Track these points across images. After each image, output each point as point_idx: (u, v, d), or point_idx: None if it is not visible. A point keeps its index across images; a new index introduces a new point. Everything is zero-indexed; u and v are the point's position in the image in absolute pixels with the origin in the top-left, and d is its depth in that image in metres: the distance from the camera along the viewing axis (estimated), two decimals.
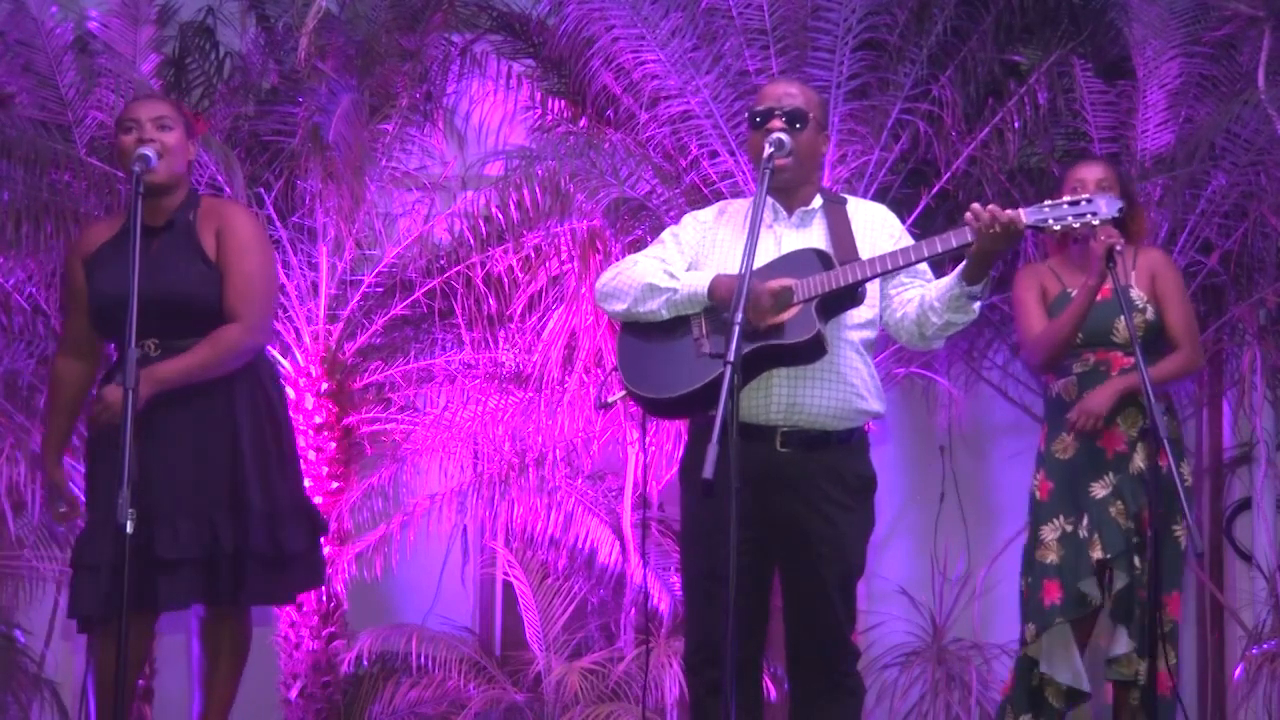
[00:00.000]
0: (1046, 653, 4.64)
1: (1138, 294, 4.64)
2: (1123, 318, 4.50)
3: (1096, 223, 3.46)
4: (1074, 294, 4.60)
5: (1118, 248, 4.08)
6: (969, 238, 3.44)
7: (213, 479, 3.91)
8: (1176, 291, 4.71)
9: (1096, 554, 4.54)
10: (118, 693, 3.46)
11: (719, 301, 3.54)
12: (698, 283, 3.61)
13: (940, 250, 3.50)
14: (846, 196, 3.86)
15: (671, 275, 3.66)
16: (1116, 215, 3.48)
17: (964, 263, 3.49)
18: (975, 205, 3.44)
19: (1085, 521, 4.58)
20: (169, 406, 3.83)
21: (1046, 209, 3.48)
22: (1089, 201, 3.47)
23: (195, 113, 4.26)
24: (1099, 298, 4.54)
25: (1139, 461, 4.56)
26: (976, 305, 3.57)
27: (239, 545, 3.90)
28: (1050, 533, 4.63)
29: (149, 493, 3.69)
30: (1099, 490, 4.58)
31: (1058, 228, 3.48)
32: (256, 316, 3.96)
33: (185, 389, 3.86)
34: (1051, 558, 4.60)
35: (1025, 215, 3.46)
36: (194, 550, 3.85)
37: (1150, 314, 4.63)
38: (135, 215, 3.62)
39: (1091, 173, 4.60)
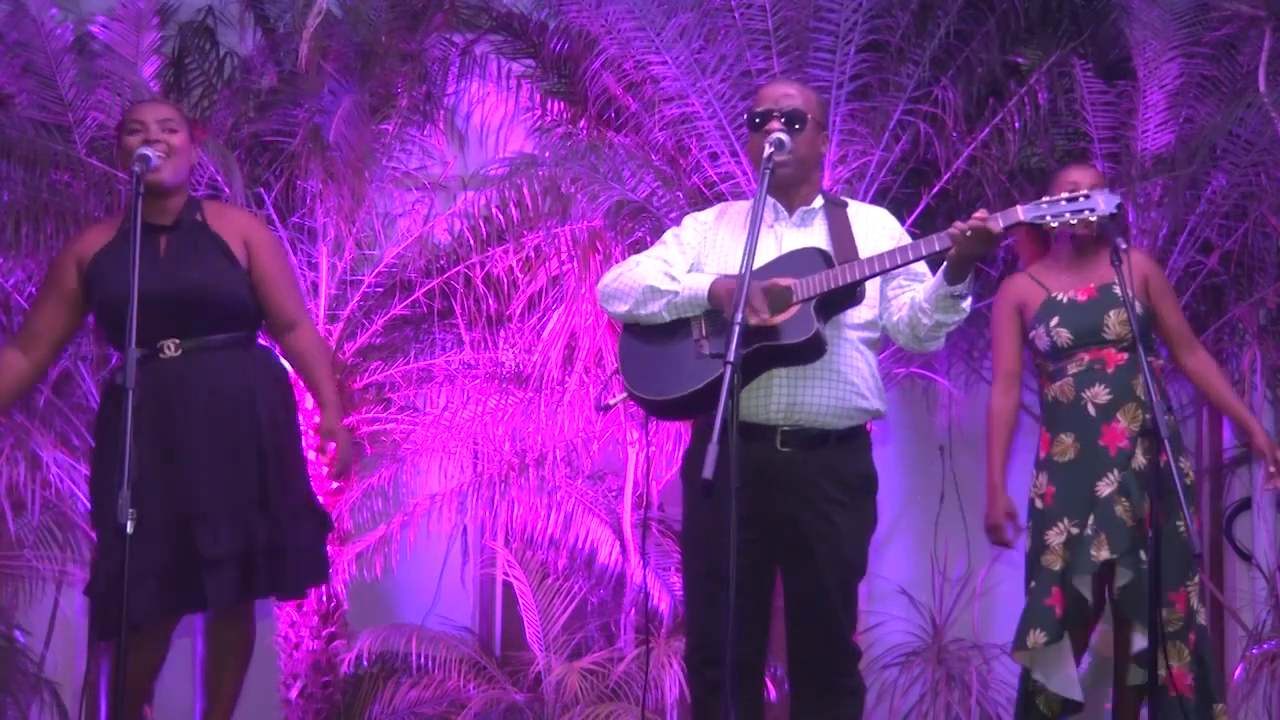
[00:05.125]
0: (1042, 661, 4.54)
1: (1119, 291, 4.59)
2: (1112, 313, 4.52)
3: (1094, 219, 3.46)
4: (1063, 300, 4.58)
5: (1122, 247, 4.03)
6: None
7: (243, 477, 3.95)
8: (1171, 293, 4.73)
9: (1103, 554, 4.44)
10: (133, 696, 3.55)
11: (718, 304, 3.55)
12: (698, 285, 3.62)
13: (938, 249, 3.50)
14: (847, 200, 3.86)
15: (672, 278, 3.66)
16: (1114, 211, 3.48)
17: (945, 264, 3.50)
18: (958, 223, 3.44)
19: (1091, 521, 4.49)
20: (198, 409, 3.90)
21: (1044, 205, 3.48)
22: (1087, 198, 3.46)
23: (194, 119, 4.30)
24: (1084, 298, 4.55)
25: (1140, 457, 4.49)
26: (966, 304, 3.57)
27: (270, 541, 3.95)
28: (1055, 537, 4.53)
29: (187, 493, 3.85)
30: (1104, 488, 4.50)
31: (1055, 224, 3.47)
32: (309, 316, 4.25)
33: (211, 392, 3.92)
34: (1058, 564, 4.51)
35: (1023, 212, 3.46)
36: (234, 547, 3.89)
37: (1139, 309, 4.58)
38: (135, 215, 3.62)
39: (1084, 176, 4.56)
